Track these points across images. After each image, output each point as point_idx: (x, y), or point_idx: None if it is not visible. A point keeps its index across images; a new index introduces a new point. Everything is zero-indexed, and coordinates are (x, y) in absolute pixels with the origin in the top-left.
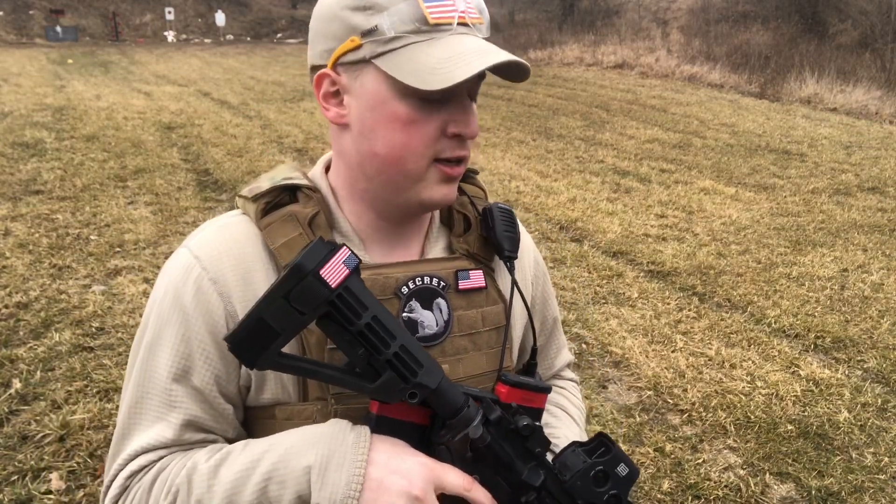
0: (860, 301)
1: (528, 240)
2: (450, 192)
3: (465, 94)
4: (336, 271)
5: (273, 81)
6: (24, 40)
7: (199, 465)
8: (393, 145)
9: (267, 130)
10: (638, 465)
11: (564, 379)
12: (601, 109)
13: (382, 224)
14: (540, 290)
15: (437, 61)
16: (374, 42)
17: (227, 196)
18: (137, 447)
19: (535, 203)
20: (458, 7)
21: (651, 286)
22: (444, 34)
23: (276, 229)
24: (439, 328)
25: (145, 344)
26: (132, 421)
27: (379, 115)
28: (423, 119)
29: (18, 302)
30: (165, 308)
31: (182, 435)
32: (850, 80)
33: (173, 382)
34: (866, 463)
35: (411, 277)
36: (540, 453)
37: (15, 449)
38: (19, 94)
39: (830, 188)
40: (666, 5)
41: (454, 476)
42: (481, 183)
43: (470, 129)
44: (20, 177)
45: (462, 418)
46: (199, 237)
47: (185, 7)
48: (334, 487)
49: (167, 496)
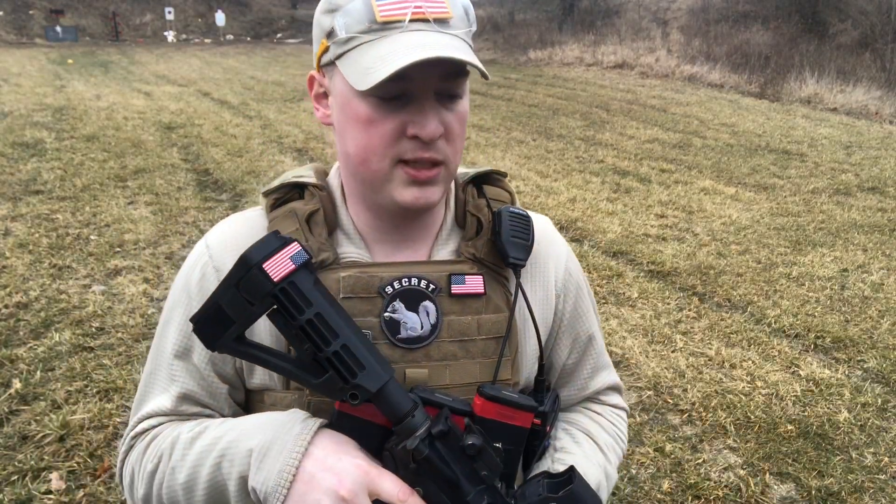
0: (860, 301)
1: (558, 249)
2: (421, 195)
3: (427, 94)
4: (280, 265)
5: (273, 81)
6: (24, 40)
7: (181, 436)
8: (357, 145)
9: (267, 130)
10: (638, 465)
11: (604, 404)
12: (601, 109)
13: (380, 224)
14: (571, 304)
15: (371, 60)
16: (335, 43)
17: (228, 196)
18: (144, 413)
19: (535, 203)
20: (412, 2)
21: (651, 286)
22: (394, 32)
23: (277, 224)
24: (424, 331)
25: (162, 321)
26: (147, 388)
27: (346, 115)
28: (380, 119)
29: (18, 302)
30: (177, 290)
31: (179, 406)
32: (850, 80)
33: (175, 358)
34: (866, 463)
35: (398, 278)
36: (487, 477)
37: (15, 449)
38: (19, 94)
39: (830, 188)
40: (666, 5)
41: (390, 484)
42: (509, 186)
43: (426, 130)
44: (20, 177)
45: (405, 427)
46: (218, 228)
47: (185, 7)
48: (268, 474)
49: (154, 459)
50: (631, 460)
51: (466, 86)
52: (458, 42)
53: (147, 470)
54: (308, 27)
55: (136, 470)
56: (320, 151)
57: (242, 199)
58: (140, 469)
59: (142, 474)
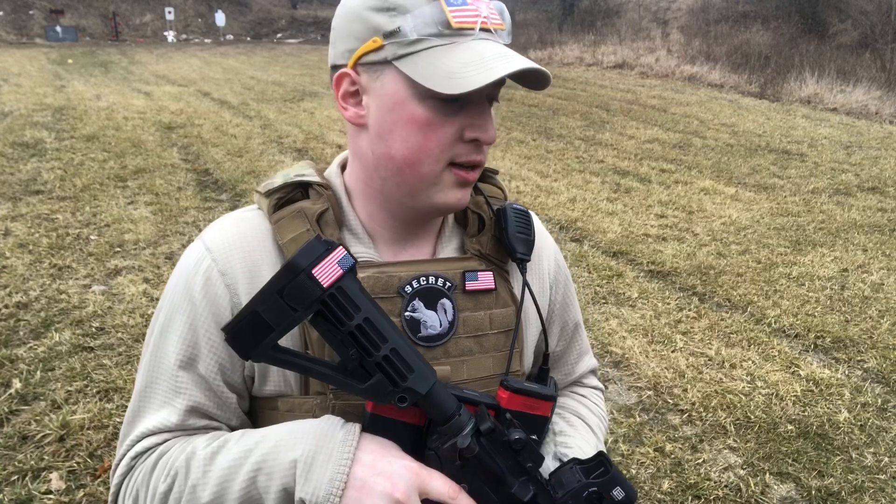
0: (860, 301)
1: (548, 242)
2: (464, 196)
3: (484, 99)
4: (329, 271)
5: (273, 81)
6: (24, 40)
7: (197, 451)
8: (409, 147)
9: (267, 130)
10: (638, 465)
11: (587, 386)
12: (601, 109)
13: (394, 224)
14: (561, 294)
15: (457, 65)
16: (395, 44)
17: (228, 196)
18: (144, 429)
19: (535, 203)
20: (481, 12)
21: (651, 286)
22: (467, 39)
23: (285, 225)
24: (443, 328)
25: (157, 329)
26: (142, 404)
27: (397, 116)
28: (440, 122)
29: (18, 302)
30: (177, 297)
31: (186, 420)
32: (850, 80)
33: (180, 369)
34: (866, 463)
35: (416, 277)
36: (531, 468)
37: (15, 449)
38: (19, 94)
39: (830, 188)
40: (666, 5)
41: (440, 483)
42: (501, 183)
43: (487, 134)
44: (20, 177)
45: (452, 426)
46: (214, 230)
47: (185, 7)
48: (318, 483)
49: (167, 478)
50: (631, 460)
51: None
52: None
53: (159, 491)
54: (308, 27)
55: (142, 492)
56: (320, 151)
57: (242, 199)
58: (148, 491)
59: (151, 495)
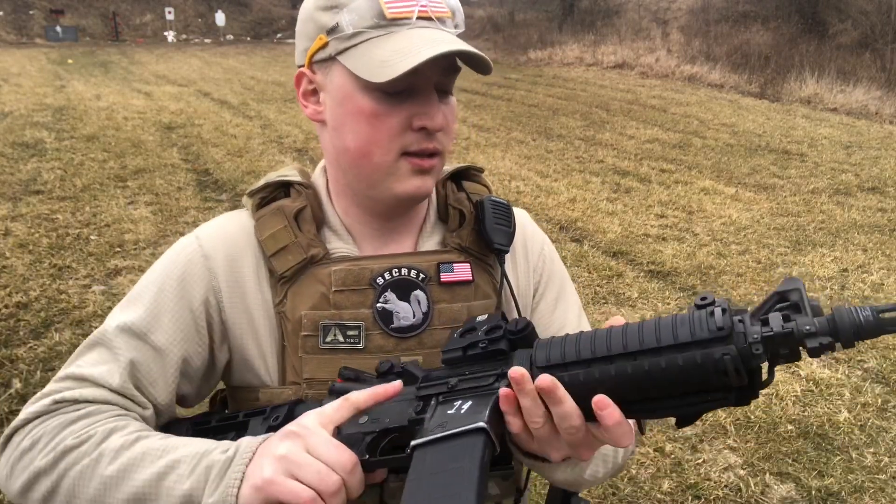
0: (860, 301)
1: (534, 233)
2: (422, 183)
3: (430, 87)
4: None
5: (273, 81)
6: (24, 40)
7: (128, 426)
8: (360, 139)
9: (267, 130)
10: (638, 465)
11: None
12: (601, 109)
13: (370, 219)
14: (552, 290)
15: (388, 54)
16: (337, 39)
17: (228, 196)
18: (83, 373)
19: (534, 203)
20: (419, 0)
21: (651, 286)
22: (402, 28)
23: (264, 222)
24: (416, 320)
25: (128, 297)
26: (90, 352)
27: (346, 109)
28: (386, 112)
29: (18, 302)
30: (157, 269)
31: (124, 384)
32: (850, 80)
33: (135, 335)
34: (866, 463)
35: (388, 269)
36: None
37: None
38: (19, 94)
39: (830, 188)
40: (666, 5)
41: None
42: (486, 181)
43: (434, 121)
44: (20, 177)
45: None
46: (206, 224)
47: (185, 7)
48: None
49: (79, 436)
50: (631, 460)
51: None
52: (460, 39)
53: (64, 444)
54: None
55: (44, 440)
56: (320, 152)
57: (242, 200)
58: (53, 439)
59: (52, 447)
